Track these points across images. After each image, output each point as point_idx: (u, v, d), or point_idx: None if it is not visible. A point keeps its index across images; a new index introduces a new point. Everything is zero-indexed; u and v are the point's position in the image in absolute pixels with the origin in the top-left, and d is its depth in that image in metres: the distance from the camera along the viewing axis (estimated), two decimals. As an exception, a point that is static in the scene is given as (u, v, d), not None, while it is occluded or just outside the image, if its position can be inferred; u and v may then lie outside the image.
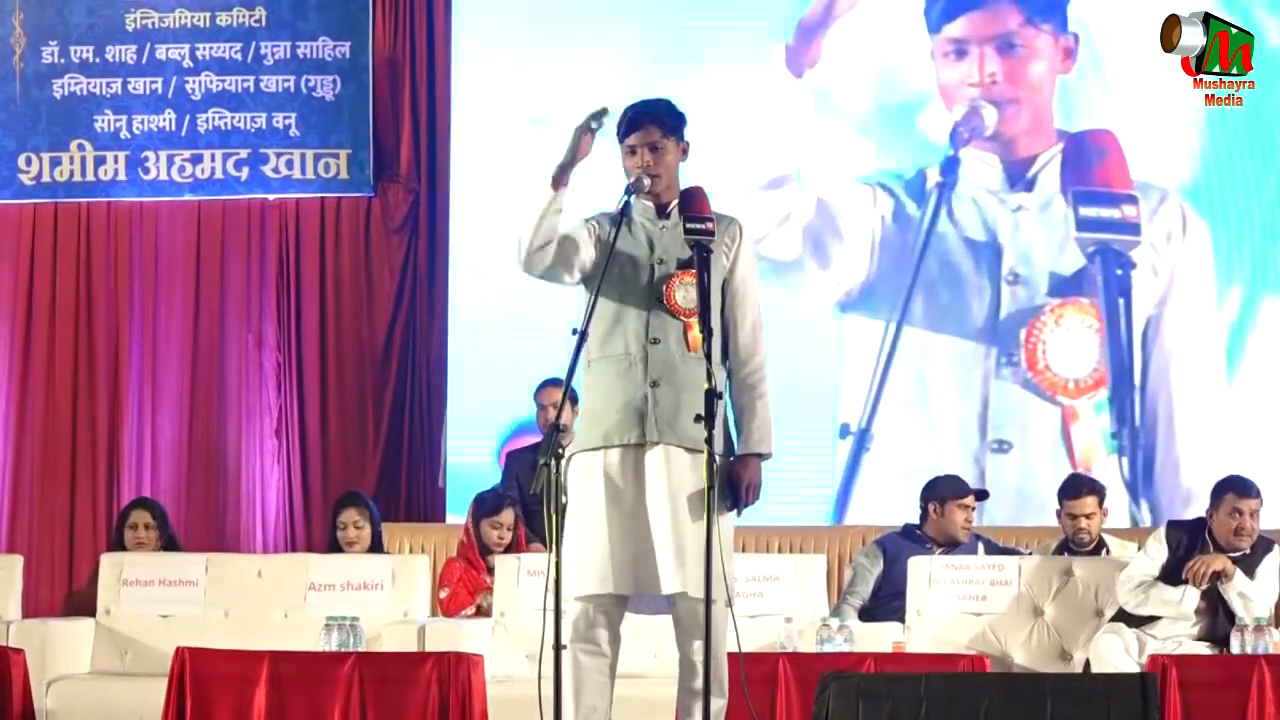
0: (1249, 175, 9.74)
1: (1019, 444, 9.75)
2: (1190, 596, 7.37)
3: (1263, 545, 7.51)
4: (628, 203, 5.37)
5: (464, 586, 8.25)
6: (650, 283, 5.41)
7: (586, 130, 5.30)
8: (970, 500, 8.33)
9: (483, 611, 8.10)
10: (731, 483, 5.38)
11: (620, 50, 10.02)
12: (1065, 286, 9.81)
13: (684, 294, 5.39)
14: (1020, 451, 9.75)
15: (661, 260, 5.43)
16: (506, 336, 9.90)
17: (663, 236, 5.45)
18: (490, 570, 8.12)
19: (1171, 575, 7.45)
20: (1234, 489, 7.56)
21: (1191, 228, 9.73)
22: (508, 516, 8.32)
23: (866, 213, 9.95)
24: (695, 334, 5.36)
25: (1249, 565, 7.46)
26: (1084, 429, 9.72)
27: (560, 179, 5.30)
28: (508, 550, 8.23)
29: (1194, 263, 9.75)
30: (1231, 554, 7.45)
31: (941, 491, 8.34)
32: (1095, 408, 9.75)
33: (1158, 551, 7.54)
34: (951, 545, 8.26)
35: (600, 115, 5.30)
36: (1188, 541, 7.54)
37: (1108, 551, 8.31)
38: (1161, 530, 7.67)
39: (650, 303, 5.40)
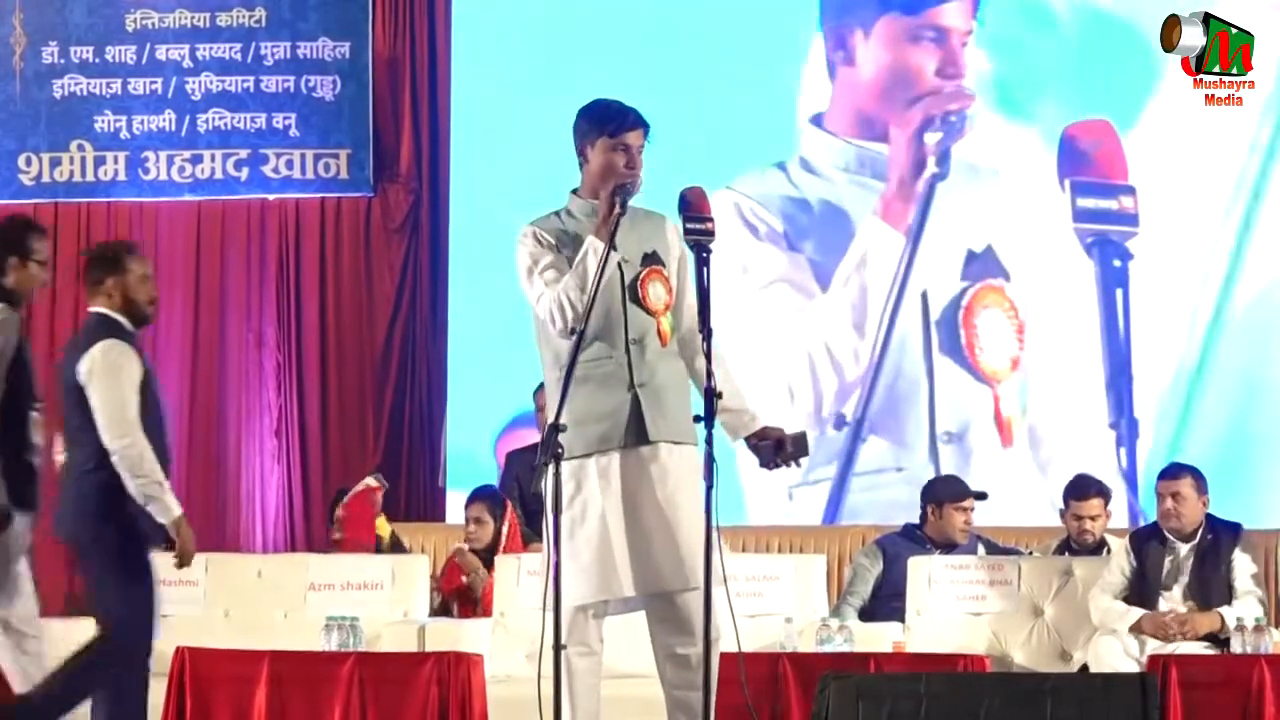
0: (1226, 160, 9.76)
1: (967, 432, 9.76)
2: (1133, 614, 7.39)
3: (1228, 531, 7.51)
4: (625, 204, 5.37)
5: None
6: (622, 284, 5.42)
7: (614, 192, 5.31)
8: (969, 503, 8.33)
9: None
10: (778, 442, 5.38)
11: (619, 49, 10.02)
12: (974, 270, 9.81)
13: (654, 291, 5.42)
14: (967, 439, 9.76)
15: (626, 260, 5.43)
16: (506, 336, 9.88)
17: (623, 238, 5.44)
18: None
19: (1142, 582, 7.48)
20: (1159, 476, 7.65)
21: (1167, 216, 9.76)
22: (476, 510, 8.34)
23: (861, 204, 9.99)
24: (665, 328, 5.40)
25: (1212, 553, 7.45)
26: (1007, 409, 9.74)
27: (604, 237, 5.30)
28: (491, 549, 8.25)
29: (1180, 249, 9.77)
30: (1186, 542, 7.47)
31: (939, 494, 8.35)
32: (1019, 389, 9.79)
33: (1123, 565, 7.57)
34: (951, 546, 8.27)
35: (626, 184, 5.32)
36: (1152, 543, 7.57)
37: (1108, 551, 8.30)
38: (1124, 543, 7.73)
39: (625, 303, 5.42)
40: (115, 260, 6.33)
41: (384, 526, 8.88)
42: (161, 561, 8.32)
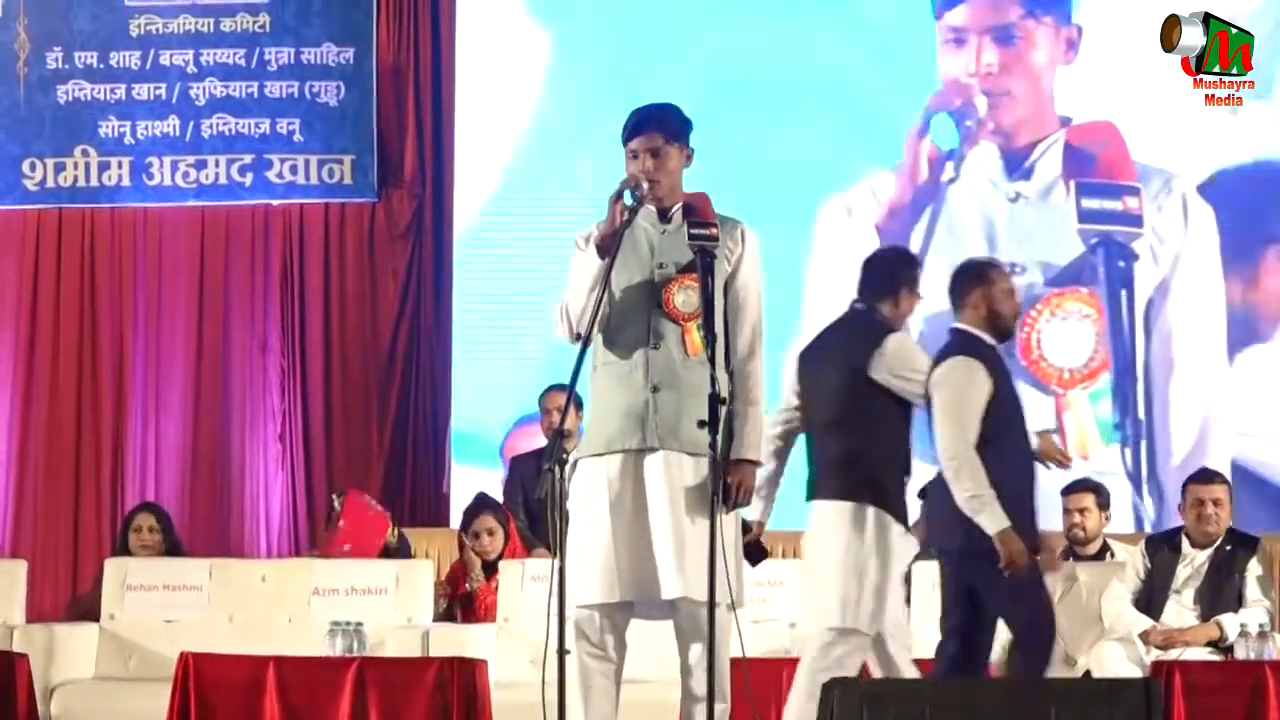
0: (1251, 162, 9.74)
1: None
2: (1141, 623, 7.40)
3: (1245, 544, 7.53)
4: (634, 210, 5.36)
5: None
6: (651, 287, 5.40)
7: (617, 198, 5.30)
8: None
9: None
10: (724, 484, 5.37)
11: (623, 52, 10.03)
12: (1064, 276, 9.80)
13: (683, 298, 5.37)
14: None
15: (662, 265, 5.41)
16: (510, 341, 9.91)
17: (663, 241, 5.44)
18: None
19: (1152, 586, 7.49)
20: (1194, 479, 7.66)
21: (1194, 214, 9.73)
22: (486, 521, 8.32)
23: (870, 204, 9.96)
24: (694, 338, 5.35)
25: (1228, 562, 7.46)
26: (1077, 418, 9.71)
27: (605, 248, 5.29)
28: (499, 558, 8.24)
29: (1197, 249, 9.74)
30: (1205, 547, 7.49)
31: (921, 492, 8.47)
32: (1091, 397, 9.74)
33: (1138, 568, 7.60)
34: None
35: (631, 188, 5.32)
36: (1167, 548, 7.59)
37: (1111, 555, 8.31)
38: (1139, 547, 7.74)
39: (651, 307, 5.39)
40: (980, 274, 6.36)
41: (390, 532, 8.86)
42: (166, 567, 8.34)
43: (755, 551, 6.06)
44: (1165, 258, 9.74)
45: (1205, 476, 7.69)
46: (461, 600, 8.27)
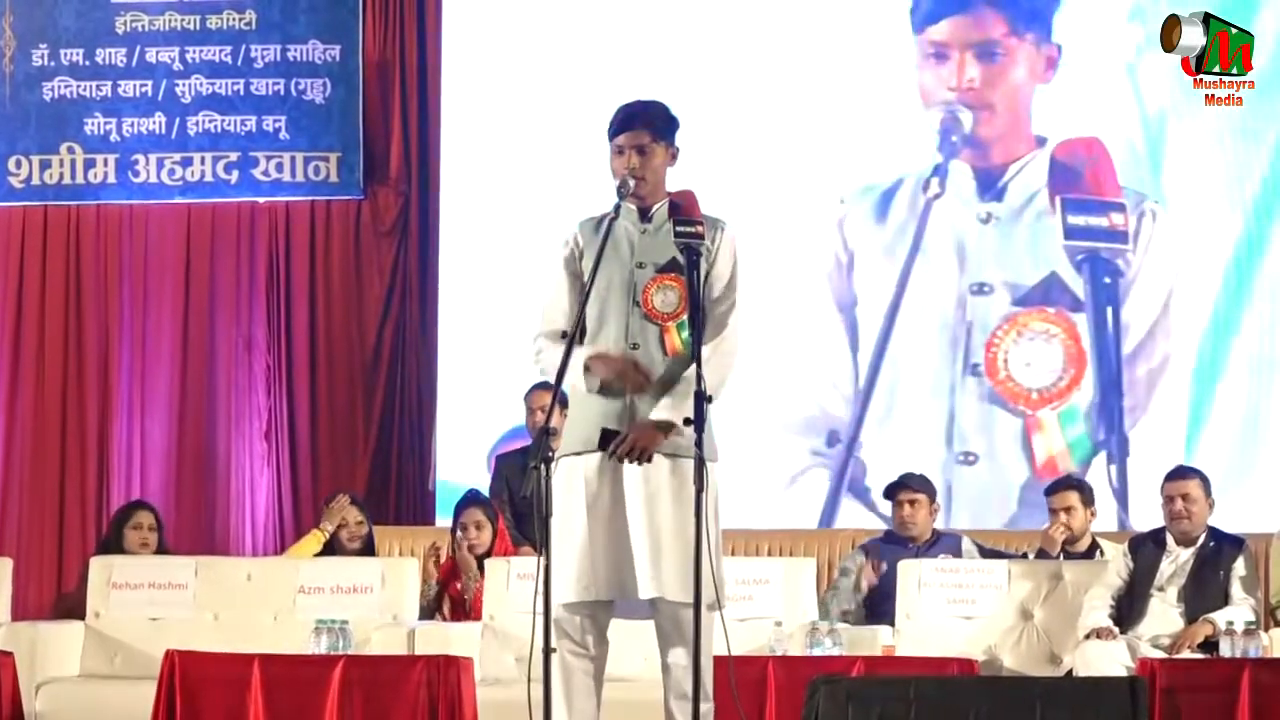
0: (1230, 181, 9.73)
1: (984, 455, 9.71)
2: (1092, 619, 7.40)
3: (1231, 543, 7.55)
4: (618, 207, 5.35)
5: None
6: (629, 287, 5.39)
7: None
8: (903, 494, 8.37)
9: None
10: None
11: (611, 52, 10.02)
12: (1031, 297, 9.79)
13: (662, 298, 5.36)
14: (985, 462, 9.71)
15: (641, 264, 5.40)
16: (496, 339, 9.89)
17: (643, 241, 5.42)
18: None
19: (1135, 584, 7.50)
20: (1167, 477, 7.67)
21: (1172, 235, 9.72)
22: (474, 515, 8.31)
23: (854, 221, 9.96)
24: (674, 338, 5.34)
25: (1213, 561, 7.48)
26: (1046, 439, 9.68)
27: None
28: (487, 554, 8.23)
29: (1171, 270, 9.75)
30: (1187, 547, 7.51)
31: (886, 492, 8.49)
32: (1061, 417, 9.71)
33: (1120, 568, 7.61)
34: (919, 542, 8.31)
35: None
36: (1151, 543, 7.61)
37: (1101, 554, 8.32)
38: (1123, 547, 7.76)
39: (629, 307, 5.38)
40: None
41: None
42: (152, 565, 8.33)
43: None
44: (1143, 277, 9.73)
45: (1178, 473, 7.71)
46: (454, 601, 8.26)
